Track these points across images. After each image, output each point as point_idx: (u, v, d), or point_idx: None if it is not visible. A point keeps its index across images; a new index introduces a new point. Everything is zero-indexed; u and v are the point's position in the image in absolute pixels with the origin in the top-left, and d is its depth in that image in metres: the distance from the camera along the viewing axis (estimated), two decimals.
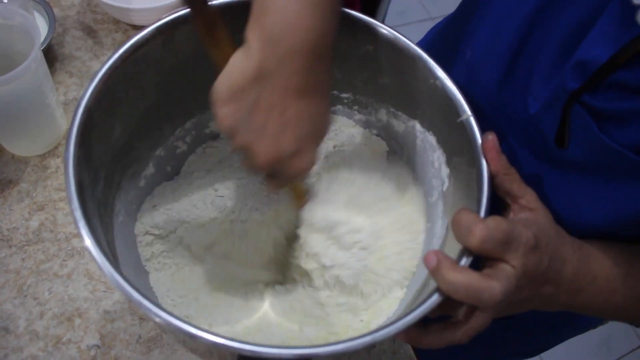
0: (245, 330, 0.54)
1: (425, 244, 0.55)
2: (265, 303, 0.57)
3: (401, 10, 1.99)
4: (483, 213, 0.43)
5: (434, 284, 0.41)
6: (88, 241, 0.39)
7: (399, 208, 0.56)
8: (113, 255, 0.45)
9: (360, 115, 0.60)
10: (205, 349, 0.56)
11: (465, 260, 0.41)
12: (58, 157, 0.67)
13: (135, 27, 0.78)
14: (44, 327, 0.57)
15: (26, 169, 0.66)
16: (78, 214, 0.39)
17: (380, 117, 0.59)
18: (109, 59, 0.46)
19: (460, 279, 0.39)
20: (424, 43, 0.72)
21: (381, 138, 0.61)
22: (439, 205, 0.54)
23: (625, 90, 0.39)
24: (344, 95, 0.59)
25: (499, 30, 0.50)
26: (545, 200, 0.47)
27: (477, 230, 0.40)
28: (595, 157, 0.43)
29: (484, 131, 0.46)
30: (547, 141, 0.46)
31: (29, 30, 0.58)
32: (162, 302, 0.53)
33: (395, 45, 0.51)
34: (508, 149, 0.52)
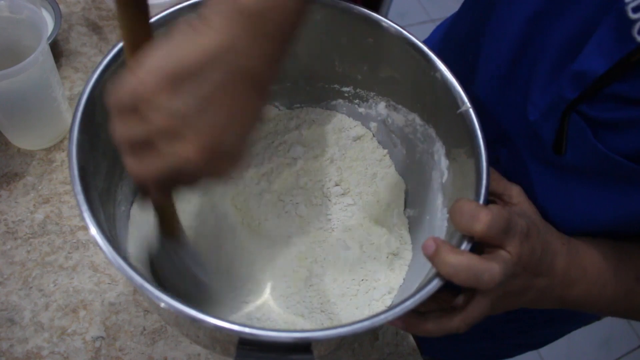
0: (247, 315, 0.54)
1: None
2: (266, 292, 0.57)
3: (402, 12, 2.00)
4: (482, 202, 0.44)
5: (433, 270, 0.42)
6: (92, 228, 0.39)
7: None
8: (116, 242, 0.46)
9: (361, 109, 0.61)
10: (209, 340, 0.56)
11: (465, 246, 0.42)
12: (63, 151, 0.68)
13: None
14: (49, 319, 0.58)
15: (32, 162, 0.66)
16: (81, 197, 0.39)
17: (380, 111, 0.60)
18: (112, 49, 0.47)
19: (461, 259, 0.40)
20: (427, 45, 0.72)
21: (378, 141, 0.62)
22: (439, 197, 0.54)
23: (620, 101, 0.40)
24: (344, 89, 0.60)
25: (500, 34, 0.51)
26: (543, 201, 0.48)
27: (483, 215, 0.40)
28: (592, 164, 0.44)
29: (485, 129, 0.47)
30: (546, 146, 0.46)
31: (37, 24, 0.58)
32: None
33: (395, 38, 0.51)
34: (509, 149, 0.53)
